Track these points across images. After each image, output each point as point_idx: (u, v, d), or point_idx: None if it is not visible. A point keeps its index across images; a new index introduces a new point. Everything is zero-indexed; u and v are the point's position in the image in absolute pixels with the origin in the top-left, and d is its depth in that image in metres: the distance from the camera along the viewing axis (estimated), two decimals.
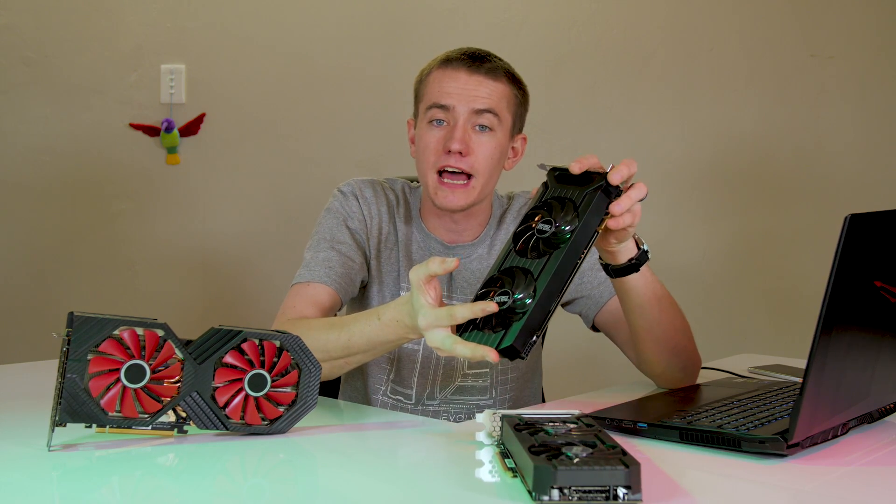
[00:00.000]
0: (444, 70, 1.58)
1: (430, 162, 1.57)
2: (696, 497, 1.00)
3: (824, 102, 3.02)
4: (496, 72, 1.58)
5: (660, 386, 1.56)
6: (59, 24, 2.85)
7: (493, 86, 1.57)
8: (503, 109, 1.58)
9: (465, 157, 1.55)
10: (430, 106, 1.57)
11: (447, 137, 1.55)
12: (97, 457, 1.12)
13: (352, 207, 1.64)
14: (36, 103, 2.86)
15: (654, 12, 3.00)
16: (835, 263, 1.05)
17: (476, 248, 1.66)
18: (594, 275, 1.63)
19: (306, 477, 1.09)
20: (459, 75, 1.56)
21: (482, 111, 1.55)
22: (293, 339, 1.21)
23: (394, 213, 1.67)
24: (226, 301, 2.96)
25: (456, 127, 1.55)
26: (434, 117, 1.57)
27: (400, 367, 1.65)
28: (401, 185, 1.72)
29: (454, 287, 1.65)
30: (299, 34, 2.92)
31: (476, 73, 1.56)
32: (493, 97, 1.56)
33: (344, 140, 2.95)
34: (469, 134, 1.55)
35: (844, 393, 1.18)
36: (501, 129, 1.58)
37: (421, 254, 1.65)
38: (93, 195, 2.89)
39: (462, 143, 1.54)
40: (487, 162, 1.57)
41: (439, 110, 1.56)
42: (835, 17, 3.02)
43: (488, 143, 1.56)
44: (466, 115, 1.55)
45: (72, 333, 1.11)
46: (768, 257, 3.05)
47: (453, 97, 1.55)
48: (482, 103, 1.55)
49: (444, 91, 1.56)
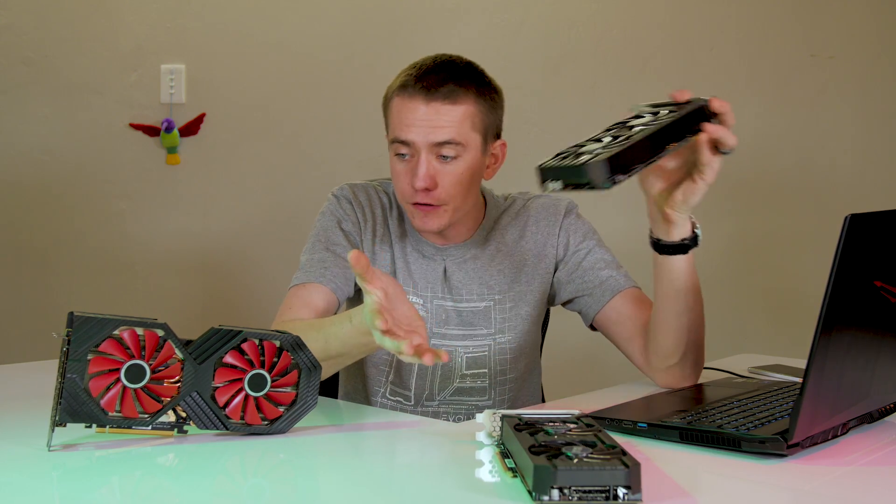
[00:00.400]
0: (402, 98, 1.54)
1: (402, 195, 1.58)
2: (696, 497, 1.00)
3: (824, 102, 3.02)
4: (454, 94, 1.52)
5: (661, 384, 1.56)
6: (59, 24, 2.85)
7: (452, 112, 1.52)
8: (467, 132, 1.54)
9: (432, 192, 1.54)
10: (392, 139, 1.56)
11: (412, 174, 1.53)
12: (97, 457, 1.12)
13: (346, 210, 1.65)
14: (36, 103, 2.86)
15: (654, 12, 3.00)
16: (835, 263, 1.05)
17: (469, 249, 1.66)
18: (596, 273, 1.64)
19: (306, 477, 1.09)
20: (417, 106, 1.52)
21: (443, 143, 1.52)
22: (293, 339, 1.21)
23: (387, 215, 1.67)
24: (226, 301, 2.96)
25: (419, 163, 1.52)
26: (397, 151, 1.56)
27: (399, 368, 1.65)
28: (393, 187, 1.72)
29: (450, 288, 1.65)
30: (299, 34, 2.92)
31: (433, 101, 1.51)
32: (453, 125, 1.52)
33: (344, 140, 2.95)
34: (433, 166, 1.53)
35: (844, 393, 1.18)
36: (469, 151, 1.55)
37: (415, 255, 1.65)
38: (93, 195, 2.89)
39: (426, 180, 1.52)
40: (457, 188, 1.55)
41: (401, 145, 1.54)
42: (835, 17, 3.02)
43: (454, 171, 1.54)
44: (427, 147, 1.52)
45: (72, 333, 1.12)
46: (768, 257, 3.05)
47: (412, 132, 1.52)
48: (442, 135, 1.51)
49: (402, 124, 1.53)
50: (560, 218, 1.69)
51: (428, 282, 1.64)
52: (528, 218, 1.69)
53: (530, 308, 1.68)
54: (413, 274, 1.64)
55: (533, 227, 1.68)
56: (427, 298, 1.64)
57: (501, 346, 1.66)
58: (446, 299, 1.64)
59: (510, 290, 1.67)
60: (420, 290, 1.64)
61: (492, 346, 1.66)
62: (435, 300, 1.64)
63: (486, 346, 1.66)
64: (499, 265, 1.66)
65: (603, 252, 1.67)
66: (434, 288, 1.64)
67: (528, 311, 1.68)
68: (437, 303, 1.64)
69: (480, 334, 1.66)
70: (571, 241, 1.68)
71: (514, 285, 1.67)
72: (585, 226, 1.70)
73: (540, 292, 1.68)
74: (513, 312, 1.67)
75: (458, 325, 1.65)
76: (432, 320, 1.64)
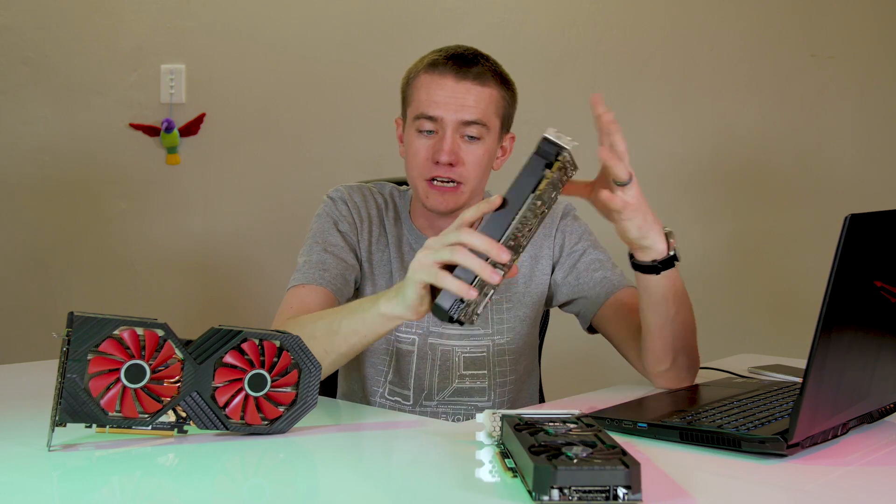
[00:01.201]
0: (431, 76, 1.56)
1: (420, 170, 1.58)
2: (696, 497, 1.00)
3: (824, 102, 3.02)
4: (484, 76, 1.56)
5: (658, 386, 1.56)
6: (59, 24, 2.85)
7: (480, 92, 1.55)
8: (491, 116, 1.57)
9: (454, 167, 1.55)
10: (417, 115, 1.56)
11: (436, 148, 1.55)
12: (97, 457, 1.12)
13: (342, 212, 1.65)
14: (36, 103, 2.86)
15: (654, 12, 3.00)
16: (835, 263, 1.05)
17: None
18: (591, 275, 1.64)
19: (306, 477, 1.09)
20: (446, 82, 1.54)
21: (470, 122, 1.54)
22: (293, 339, 1.21)
23: (383, 216, 1.67)
24: (226, 301, 2.96)
25: (444, 138, 1.54)
26: (422, 127, 1.56)
27: (398, 368, 1.65)
28: (389, 189, 1.72)
29: None
30: (299, 34, 2.92)
31: (464, 80, 1.54)
32: (480, 105, 1.55)
33: (344, 140, 2.95)
34: (458, 143, 1.55)
35: (844, 393, 1.18)
36: (490, 135, 1.58)
37: (412, 254, 1.65)
38: (93, 195, 2.89)
39: (451, 155, 1.54)
40: (476, 169, 1.57)
41: (427, 121, 1.55)
42: (835, 17, 3.02)
43: (476, 151, 1.56)
44: (454, 125, 1.54)
45: (72, 333, 1.12)
46: (768, 257, 3.05)
47: (441, 108, 1.54)
48: (470, 114, 1.54)
49: (431, 100, 1.55)
50: (557, 220, 1.70)
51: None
52: None
53: (528, 310, 1.68)
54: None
55: None
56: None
57: (500, 348, 1.66)
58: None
59: (508, 290, 1.66)
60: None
61: (490, 348, 1.66)
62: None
63: (484, 346, 1.66)
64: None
65: (598, 253, 1.67)
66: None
67: (525, 313, 1.68)
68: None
69: (478, 335, 1.66)
70: (567, 243, 1.68)
71: (512, 287, 1.67)
72: (581, 227, 1.70)
73: (537, 294, 1.68)
74: (511, 314, 1.67)
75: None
76: (430, 318, 1.64)
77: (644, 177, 1.34)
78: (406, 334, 1.64)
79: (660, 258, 1.38)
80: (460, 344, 1.65)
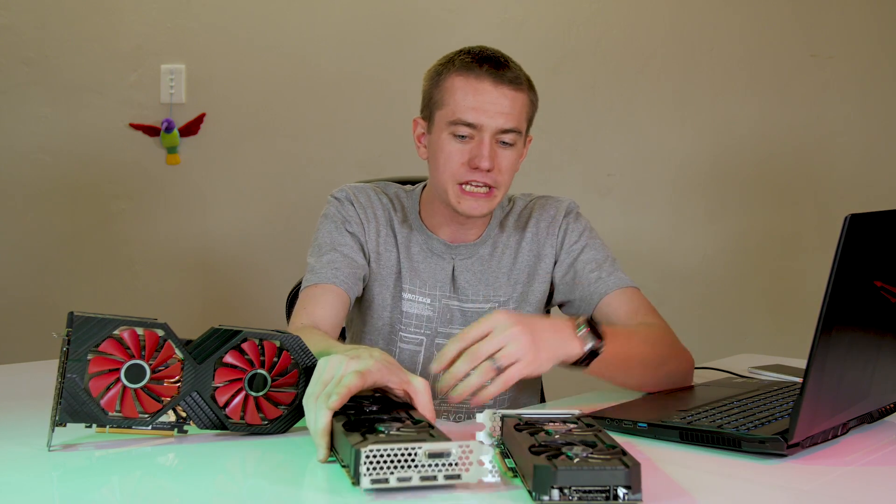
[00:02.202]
0: (467, 79, 1.54)
1: (453, 175, 1.56)
2: (696, 497, 1.00)
3: (824, 102, 3.02)
4: (518, 81, 1.56)
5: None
6: (59, 24, 2.85)
7: (515, 98, 1.55)
8: (523, 121, 1.58)
9: (490, 173, 1.55)
10: (454, 120, 1.54)
11: (473, 154, 1.54)
12: (97, 457, 1.12)
13: (348, 212, 1.64)
14: (36, 103, 2.86)
15: (654, 12, 3.00)
16: (835, 263, 1.05)
17: (478, 248, 1.67)
18: (586, 276, 1.64)
19: (306, 477, 1.09)
20: (485, 87, 1.53)
21: (508, 130, 1.54)
22: (293, 338, 1.21)
23: (391, 216, 1.67)
24: (226, 301, 2.96)
25: (483, 144, 1.53)
26: (458, 132, 1.55)
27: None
28: (394, 189, 1.71)
29: (456, 288, 1.65)
30: (299, 34, 2.92)
31: (501, 85, 1.54)
32: (515, 112, 1.55)
33: (344, 140, 2.95)
34: (495, 149, 1.55)
35: (844, 393, 1.18)
36: (521, 140, 1.59)
37: (423, 254, 1.65)
38: (93, 195, 2.89)
39: (491, 161, 1.53)
40: (509, 174, 1.58)
41: (465, 126, 1.54)
42: (835, 17, 3.02)
43: (511, 156, 1.57)
44: (492, 132, 1.54)
45: (72, 333, 1.12)
46: (769, 257, 3.05)
47: (481, 115, 1.53)
48: (509, 121, 1.54)
49: (470, 106, 1.53)
50: (560, 219, 1.69)
51: (437, 280, 1.64)
52: (530, 219, 1.69)
53: (532, 309, 1.68)
54: (421, 273, 1.64)
55: (534, 229, 1.68)
56: (435, 297, 1.64)
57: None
58: (452, 299, 1.65)
59: (514, 292, 1.66)
60: (428, 288, 1.64)
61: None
62: (442, 299, 1.64)
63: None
64: (503, 268, 1.67)
65: (596, 252, 1.66)
66: (442, 287, 1.65)
67: (529, 312, 1.67)
68: (444, 302, 1.64)
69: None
70: (566, 241, 1.68)
71: (518, 287, 1.67)
72: (582, 224, 1.70)
73: (541, 293, 1.68)
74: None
75: (463, 324, 1.64)
76: (438, 319, 1.64)
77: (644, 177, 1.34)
78: (413, 334, 1.64)
79: (577, 359, 1.32)
80: None
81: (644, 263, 2.92)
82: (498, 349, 1.22)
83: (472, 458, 0.96)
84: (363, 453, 0.93)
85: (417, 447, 0.95)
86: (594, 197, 2.95)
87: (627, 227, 2.97)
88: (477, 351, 1.22)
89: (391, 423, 1.05)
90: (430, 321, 1.63)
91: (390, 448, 0.94)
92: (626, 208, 2.98)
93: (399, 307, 1.64)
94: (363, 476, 0.94)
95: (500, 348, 1.22)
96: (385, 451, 0.94)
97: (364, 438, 0.98)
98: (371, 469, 0.94)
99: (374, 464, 0.94)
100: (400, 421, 1.06)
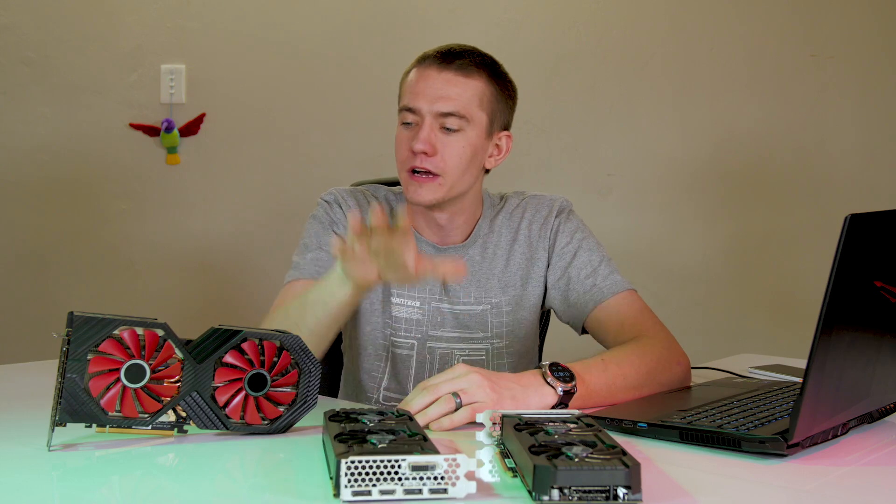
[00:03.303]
0: (418, 69, 1.58)
1: (402, 162, 1.58)
2: (696, 497, 1.00)
3: (824, 102, 3.02)
4: (468, 68, 1.56)
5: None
6: (59, 24, 2.85)
7: (463, 84, 1.55)
8: (473, 108, 1.56)
9: (431, 158, 1.54)
10: (401, 108, 1.58)
11: (413, 138, 1.54)
12: (97, 457, 1.12)
13: (337, 215, 1.64)
14: (36, 103, 2.86)
15: (654, 12, 3.00)
16: (835, 263, 1.05)
17: (467, 250, 1.65)
18: (581, 282, 1.62)
19: (306, 477, 1.09)
20: (429, 73, 1.55)
21: (448, 114, 1.54)
22: (293, 339, 1.21)
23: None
24: (225, 301, 2.96)
25: (421, 127, 1.54)
26: (404, 120, 1.57)
27: (394, 373, 1.65)
28: (383, 192, 1.71)
29: (446, 290, 1.64)
30: (299, 34, 2.92)
31: (445, 71, 1.55)
32: (461, 97, 1.54)
33: (344, 140, 2.95)
34: (435, 134, 1.54)
35: (844, 393, 1.18)
36: (473, 128, 1.56)
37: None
38: (93, 195, 2.89)
39: (425, 144, 1.53)
40: (455, 161, 1.55)
41: (409, 113, 1.56)
42: (835, 17, 3.02)
43: (455, 143, 1.55)
44: (432, 116, 1.54)
45: (72, 333, 1.12)
46: (768, 257, 3.05)
47: (419, 99, 1.55)
48: (447, 106, 1.54)
49: (413, 92, 1.56)
50: (552, 219, 1.67)
51: (425, 283, 1.64)
52: (523, 219, 1.68)
53: (527, 312, 1.67)
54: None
55: (526, 230, 1.67)
56: (424, 300, 1.64)
57: (499, 352, 1.65)
58: (443, 301, 1.64)
59: (506, 294, 1.65)
60: (418, 291, 1.64)
61: (489, 351, 1.65)
62: (432, 302, 1.64)
63: (483, 350, 1.65)
64: (495, 269, 1.65)
65: (590, 253, 1.64)
66: (432, 289, 1.64)
67: (524, 316, 1.66)
68: (433, 305, 1.64)
69: (477, 338, 1.65)
70: (558, 243, 1.66)
71: (510, 289, 1.65)
72: (573, 224, 1.67)
73: (536, 296, 1.66)
74: (510, 318, 1.65)
75: (455, 327, 1.64)
76: (428, 323, 1.63)
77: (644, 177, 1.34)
78: (404, 339, 1.64)
79: (552, 406, 1.32)
80: (459, 346, 1.64)
81: (644, 263, 2.92)
82: (459, 390, 1.25)
83: (460, 472, 0.93)
84: (343, 464, 0.92)
85: (402, 459, 0.92)
86: (594, 197, 2.95)
87: (627, 226, 2.97)
88: (438, 386, 1.26)
89: (385, 434, 1.04)
90: (419, 325, 1.63)
91: (372, 460, 0.92)
92: (625, 208, 2.98)
93: (389, 311, 1.63)
94: (344, 488, 0.92)
95: (461, 389, 1.25)
96: (367, 462, 0.92)
97: (349, 449, 0.96)
98: (352, 481, 0.92)
99: (356, 475, 0.92)
100: (394, 433, 1.04)
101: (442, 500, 0.94)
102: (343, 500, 0.92)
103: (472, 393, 1.25)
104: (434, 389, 1.26)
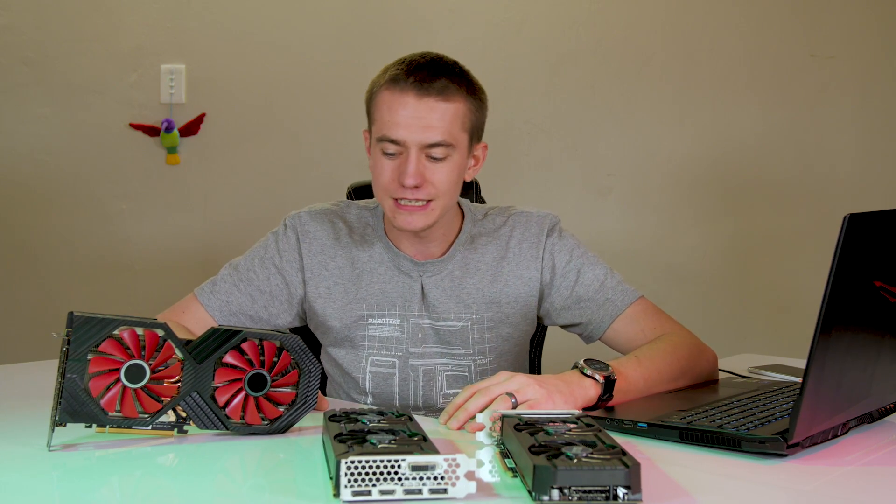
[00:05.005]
0: (392, 93, 1.49)
1: (386, 190, 1.51)
2: (696, 497, 1.00)
3: (824, 102, 3.02)
4: (447, 91, 1.48)
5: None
6: (59, 24, 2.85)
7: (444, 110, 1.48)
8: (457, 132, 1.50)
9: (422, 189, 1.49)
10: (380, 137, 1.50)
11: (401, 171, 1.48)
12: (97, 457, 1.12)
13: (286, 244, 1.61)
14: (36, 103, 2.86)
15: (654, 12, 3.00)
16: (834, 263, 1.05)
17: (446, 265, 1.60)
18: (593, 298, 1.60)
19: (306, 477, 1.09)
20: (408, 101, 1.47)
21: (434, 145, 1.48)
22: (293, 339, 1.21)
23: (345, 242, 1.62)
24: None
25: (408, 161, 1.47)
26: (386, 150, 1.50)
27: (378, 393, 1.61)
28: (355, 210, 1.65)
29: (426, 306, 1.60)
30: (300, 34, 2.92)
31: (426, 97, 1.47)
32: (444, 124, 1.48)
33: (344, 140, 2.94)
34: (422, 165, 1.48)
35: (844, 393, 1.18)
36: (457, 151, 1.51)
37: (390, 273, 1.60)
38: (93, 195, 2.89)
39: (416, 178, 1.48)
40: (444, 186, 1.51)
41: (390, 144, 1.49)
42: (835, 17, 3.02)
43: (443, 169, 1.50)
44: (418, 147, 1.48)
45: (72, 333, 1.12)
46: (768, 257, 3.05)
47: (402, 130, 1.47)
48: (433, 136, 1.47)
49: (393, 121, 1.48)
50: (543, 238, 1.62)
51: (406, 300, 1.59)
52: (511, 237, 1.62)
53: (512, 330, 1.62)
54: (389, 294, 1.59)
55: (515, 249, 1.62)
56: (404, 318, 1.59)
57: (482, 368, 1.61)
58: (423, 317, 1.59)
59: (489, 310, 1.60)
60: (398, 309, 1.59)
61: (472, 368, 1.61)
62: (412, 319, 1.59)
63: (466, 366, 1.61)
64: (477, 284, 1.60)
65: (594, 268, 1.61)
66: (411, 306, 1.59)
67: (509, 333, 1.62)
68: (413, 321, 1.59)
69: (458, 353, 1.60)
70: (558, 264, 1.61)
71: (494, 306, 1.61)
72: (569, 242, 1.63)
73: (522, 315, 1.62)
74: (493, 333, 1.61)
75: (437, 342, 1.60)
76: (409, 340, 1.59)
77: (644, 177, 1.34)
78: (385, 357, 1.60)
79: (598, 399, 1.34)
80: (442, 362, 1.60)
81: (644, 263, 2.92)
82: (511, 391, 1.27)
83: (460, 472, 0.94)
84: (343, 464, 0.92)
85: (401, 459, 0.93)
86: (594, 197, 2.95)
87: (627, 226, 2.97)
88: (489, 388, 1.27)
89: (385, 435, 1.04)
90: (399, 342, 1.59)
91: (372, 460, 0.92)
92: (626, 208, 2.97)
93: (365, 332, 1.59)
94: (344, 488, 0.92)
95: (513, 390, 1.27)
96: (367, 462, 0.92)
97: (349, 449, 0.96)
98: (352, 481, 0.92)
99: (356, 475, 0.92)
100: (395, 434, 1.04)
101: (442, 500, 0.94)
102: (343, 500, 0.92)
103: (524, 392, 1.26)
104: (487, 392, 1.27)
